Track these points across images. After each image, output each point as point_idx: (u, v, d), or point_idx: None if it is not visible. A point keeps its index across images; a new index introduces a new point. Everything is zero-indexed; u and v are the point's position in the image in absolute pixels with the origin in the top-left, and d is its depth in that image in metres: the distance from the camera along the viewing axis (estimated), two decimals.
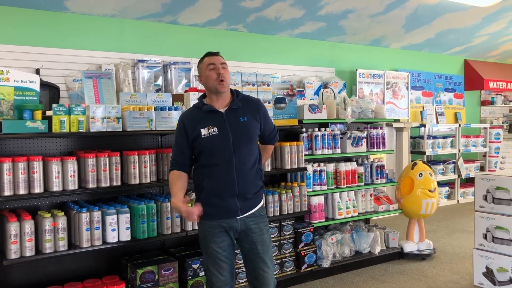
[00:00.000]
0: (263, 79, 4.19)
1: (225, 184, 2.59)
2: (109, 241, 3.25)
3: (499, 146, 8.35)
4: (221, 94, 2.64)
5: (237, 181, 2.59)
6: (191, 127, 2.63)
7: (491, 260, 3.89)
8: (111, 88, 4.12)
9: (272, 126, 2.91)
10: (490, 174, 4.01)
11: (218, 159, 2.59)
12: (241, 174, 2.60)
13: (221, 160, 2.59)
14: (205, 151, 2.61)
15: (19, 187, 2.97)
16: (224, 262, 2.64)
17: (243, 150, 2.61)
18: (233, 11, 5.24)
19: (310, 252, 4.26)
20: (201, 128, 2.60)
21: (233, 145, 2.59)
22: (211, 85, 2.62)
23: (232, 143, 2.59)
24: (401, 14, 6.15)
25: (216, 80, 2.60)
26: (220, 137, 2.59)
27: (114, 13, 4.82)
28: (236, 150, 2.59)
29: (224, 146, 2.58)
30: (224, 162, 2.58)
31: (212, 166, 2.61)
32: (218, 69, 2.60)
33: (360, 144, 4.80)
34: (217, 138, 2.59)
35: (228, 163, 2.58)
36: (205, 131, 2.60)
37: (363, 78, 6.81)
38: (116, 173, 3.31)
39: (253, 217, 2.68)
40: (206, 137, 2.59)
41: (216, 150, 2.59)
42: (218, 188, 2.61)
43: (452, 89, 8.45)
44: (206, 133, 2.59)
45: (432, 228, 6.19)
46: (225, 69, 2.63)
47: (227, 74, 2.63)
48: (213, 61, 2.63)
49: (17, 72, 3.24)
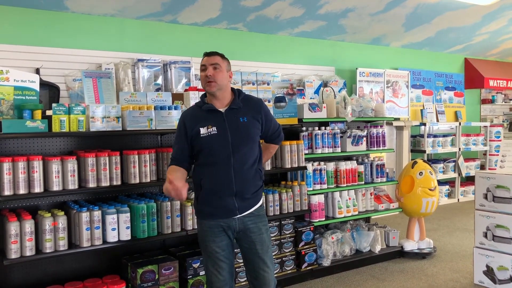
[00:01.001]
0: (263, 78, 4.19)
1: (222, 183, 2.59)
2: (109, 241, 3.24)
3: (499, 145, 8.35)
4: (215, 94, 2.64)
5: (235, 181, 2.59)
6: (191, 125, 2.64)
7: (492, 258, 3.89)
8: (111, 88, 4.11)
9: (276, 125, 2.92)
10: (490, 172, 4.01)
11: (216, 159, 2.60)
12: (239, 173, 2.60)
13: (219, 160, 2.59)
14: (204, 150, 2.62)
15: (19, 186, 2.97)
16: (223, 262, 2.64)
17: (242, 150, 2.61)
18: (233, 10, 5.24)
19: (310, 251, 4.26)
20: (200, 127, 2.61)
21: (231, 145, 2.59)
22: (202, 86, 2.67)
23: (231, 143, 2.59)
24: (401, 12, 6.14)
25: (204, 81, 2.63)
26: (218, 136, 2.59)
27: (114, 12, 4.81)
28: (234, 150, 2.59)
29: (222, 146, 2.59)
30: (222, 161, 2.59)
31: (210, 166, 2.62)
32: (208, 71, 2.60)
33: (360, 143, 4.80)
34: (215, 137, 2.59)
35: (226, 163, 2.59)
36: (204, 130, 2.60)
37: (363, 77, 6.81)
38: (116, 172, 3.31)
39: (252, 216, 2.67)
40: (205, 136, 2.60)
41: (214, 149, 2.59)
42: (216, 187, 2.61)
43: (452, 88, 8.44)
44: (205, 132, 2.60)
45: (433, 226, 6.19)
46: (216, 69, 2.61)
47: (218, 75, 2.60)
48: (204, 62, 2.65)
49: (17, 71, 3.24)
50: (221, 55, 2.68)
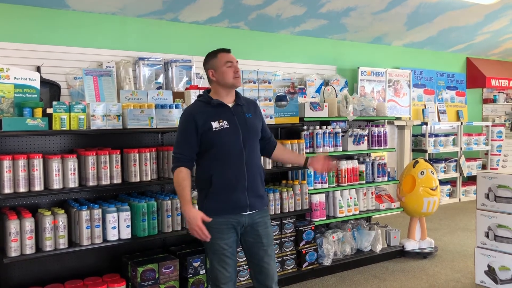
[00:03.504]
0: (264, 76, 4.18)
1: (235, 178, 2.60)
2: (110, 239, 3.24)
3: (501, 144, 8.34)
4: (233, 89, 2.72)
5: (247, 176, 2.61)
6: (201, 120, 2.60)
7: (493, 258, 3.87)
8: (111, 86, 4.11)
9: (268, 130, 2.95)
10: (492, 172, 3.99)
11: (228, 153, 2.60)
12: (250, 168, 2.63)
13: (232, 154, 2.60)
14: (217, 144, 2.60)
15: (19, 185, 2.96)
16: (229, 259, 2.64)
17: (251, 145, 2.66)
18: (234, 9, 5.23)
19: (311, 250, 4.25)
20: (212, 122, 2.60)
21: (242, 139, 2.62)
22: (228, 81, 2.65)
23: (242, 137, 2.62)
24: (402, 11, 6.13)
25: (234, 77, 2.66)
26: (230, 130, 2.61)
27: (115, 10, 4.81)
28: (245, 145, 2.62)
29: (234, 140, 2.61)
30: (235, 156, 2.60)
31: (222, 160, 2.60)
32: (236, 67, 2.67)
33: (361, 142, 4.79)
34: (228, 131, 2.60)
35: (239, 157, 2.60)
36: (216, 124, 2.59)
37: (364, 76, 6.79)
38: (116, 171, 3.30)
39: (259, 211, 2.71)
40: (217, 130, 2.59)
41: (227, 143, 2.60)
42: (228, 182, 2.60)
43: (454, 87, 8.42)
44: (217, 127, 2.59)
45: (434, 226, 6.18)
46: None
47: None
48: (230, 59, 2.67)
49: (17, 69, 3.23)
50: None
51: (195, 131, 2.61)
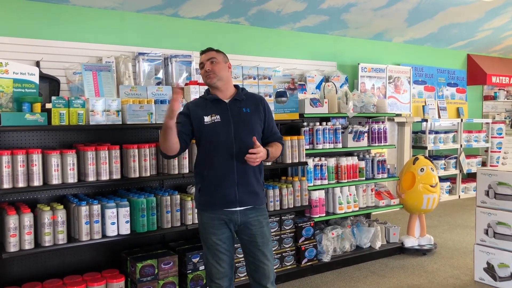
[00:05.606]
0: (264, 72, 4.16)
1: (225, 172, 2.61)
2: (109, 235, 3.24)
3: (501, 142, 8.33)
4: (217, 86, 2.69)
5: (237, 170, 2.61)
6: (194, 111, 2.68)
7: (492, 255, 3.88)
8: (111, 81, 4.09)
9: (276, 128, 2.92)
10: (492, 169, 3.98)
11: (218, 147, 2.62)
12: (241, 163, 2.60)
13: (222, 149, 2.61)
14: (207, 138, 2.65)
15: (18, 180, 2.95)
16: (223, 254, 2.65)
17: (245, 140, 2.63)
18: (234, 4, 5.20)
19: (310, 247, 4.25)
20: (204, 116, 2.66)
21: (234, 134, 2.62)
22: (204, 82, 2.75)
23: (233, 132, 2.62)
24: (403, 8, 6.10)
25: (204, 76, 2.71)
26: (221, 124, 2.63)
27: (115, 5, 4.78)
28: (237, 139, 2.62)
29: (225, 134, 2.62)
30: (225, 150, 2.61)
31: (212, 154, 2.64)
32: (206, 68, 2.68)
33: (361, 139, 4.78)
34: (219, 125, 2.63)
35: (229, 152, 2.61)
36: (208, 118, 2.65)
37: (365, 72, 6.77)
38: (115, 166, 3.30)
39: (253, 210, 2.69)
40: (208, 124, 2.64)
41: (217, 137, 2.62)
42: (218, 176, 2.62)
43: (454, 84, 8.41)
44: (208, 121, 2.65)
45: (433, 223, 6.18)
46: (213, 63, 2.68)
47: (215, 67, 2.67)
48: (201, 60, 2.74)
49: (16, 64, 3.22)
50: (215, 50, 2.75)
51: (187, 117, 2.68)
